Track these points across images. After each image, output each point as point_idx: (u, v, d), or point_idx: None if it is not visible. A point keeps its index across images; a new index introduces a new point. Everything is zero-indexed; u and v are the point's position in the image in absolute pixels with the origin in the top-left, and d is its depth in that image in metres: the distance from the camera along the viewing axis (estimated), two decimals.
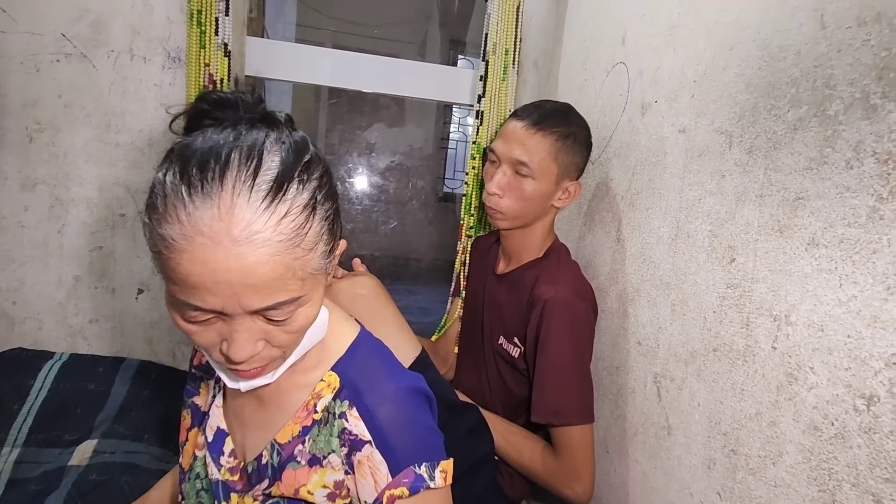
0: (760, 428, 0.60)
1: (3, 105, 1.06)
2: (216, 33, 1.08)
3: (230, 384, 0.49)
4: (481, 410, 0.94)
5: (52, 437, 0.96)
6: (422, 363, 0.85)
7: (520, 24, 1.23)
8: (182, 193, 0.40)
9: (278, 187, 0.42)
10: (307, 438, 0.54)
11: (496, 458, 0.93)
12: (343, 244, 0.52)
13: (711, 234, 0.70)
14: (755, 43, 0.65)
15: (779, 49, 0.61)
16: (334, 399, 0.53)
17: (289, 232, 0.42)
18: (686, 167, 0.76)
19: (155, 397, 1.05)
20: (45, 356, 1.08)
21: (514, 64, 1.24)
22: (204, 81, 1.09)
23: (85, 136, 1.10)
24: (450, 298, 1.27)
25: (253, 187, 0.41)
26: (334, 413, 0.53)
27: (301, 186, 0.44)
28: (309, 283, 0.45)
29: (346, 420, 0.52)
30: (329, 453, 0.52)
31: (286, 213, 0.42)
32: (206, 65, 1.08)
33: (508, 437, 0.93)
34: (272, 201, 0.41)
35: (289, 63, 1.38)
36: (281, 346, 0.47)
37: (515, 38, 1.23)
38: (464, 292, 1.22)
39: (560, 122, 0.93)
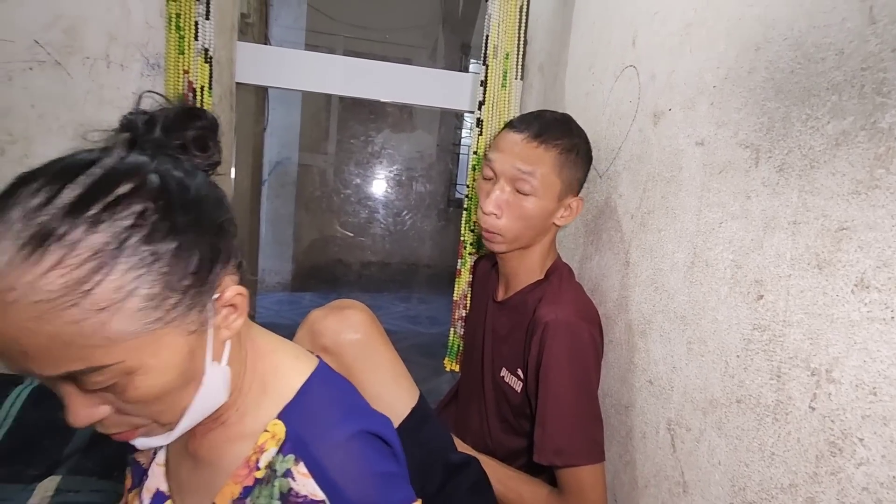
0: (795, 503, 0.50)
1: None
2: (196, 38, 1.02)
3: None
4: (479, 456, 0.85)
5: (15, 472, 0.89)
6: (419, 415, 0.75)
7: (523, 25, 1.14)
8: None
9: (45, 231, 0.33)
10: (247, 501, 0.46)
11: None
12: (233, 293, 0.43)
13: (735, 265, 0.60)
14: (787, 42, 0.55)
15: (816, 48, 0.51)
16: (278, 453, 0.45)
17: (57, 289, 0.32)
18: (704, 185, 0.67)
19: None
20: (13, 381, 1.02)
21: (517, 68, 1.15)
22: (183, 89, 1.02)
23: (59, 147, 1.04)
24: (457, 324, 1.19)
25: (11, 231, 0.33)
26: (276, 471, 0.44)
27: (89, 228, 0.34)
28: (127, 349, 0.35)
29: (293, 479, 0.44)
30: None
31: (56, 265, 0.33)
32: (185, 72, 1.02)
33: (507, 483, 0.84)
34: (35, 249, 0.32)
35: (283, 70, 1.32)
36: (137, 415, 0.39)
37: (518, 40, 1.14)
38: (465, 312, 1.13)
39: (562, 133, 0.84)
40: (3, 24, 1.01)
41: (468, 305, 1.16)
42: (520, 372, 0.87)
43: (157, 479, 0.53)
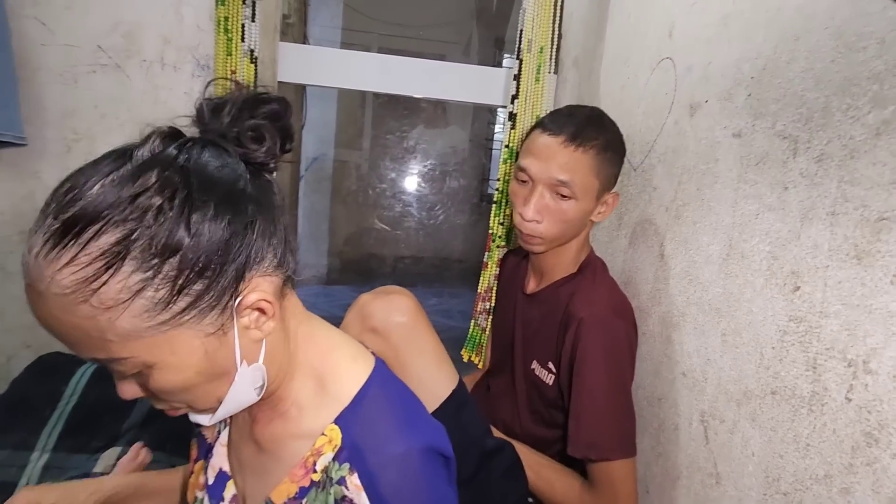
0: (830, 494, 0.50)
1: (43, 116, 1.09)
2: (242, 40, 1.07)
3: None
4: (514, 443, 0.87)
5: (80, 444, 0.97)
6: (458, 398, 0.78)
7: (557, 19, 1.14)
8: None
9: (66, 227, 0.35)
10: (304, 502, 0.47)
11: (531, 500, 0.86)
12: (256, 298, 0.41)
13: (771, 256, 0.60)
14: (827, 31, 0.54)
15: (857, 38, 0.51)
16: (334, 459, 0.46)
17: (69, 285, 0.35)
18: (741, 177, 0.66)
19: None
20: (78, 361, 1.10)
21: (550, 62, 1.15)
22: (231, 89, 1.08)
23: (119, 144, 1.11)
24: (483, 315, 1.20)
25: (44, 225, 0.36)
26: (332, 477, 0.46)
27: (104, 226, 0.35)
28: (139, 346, 0.37)
29: (347, 487, 0.44)
30: None
31: (70, 262, 0.35)
32: (233, 72, 1.07)
33: (539, 471, 0.85)
34: (55, 245, 0.35)
35: (322, 68, 1.36)
36: (168, 400, 0.42)
37: (553, 34, 1.15)
38: (489, 304, 1.15)
39: (597, 132, 0.82)
40: (70, 31, 1.09)
41: (493, 298, 1.17)
42: (551, 365, 0.88)
43: (220, 458, 0.56)
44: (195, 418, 0.46)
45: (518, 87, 1.14)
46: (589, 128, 0.82)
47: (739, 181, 0.67)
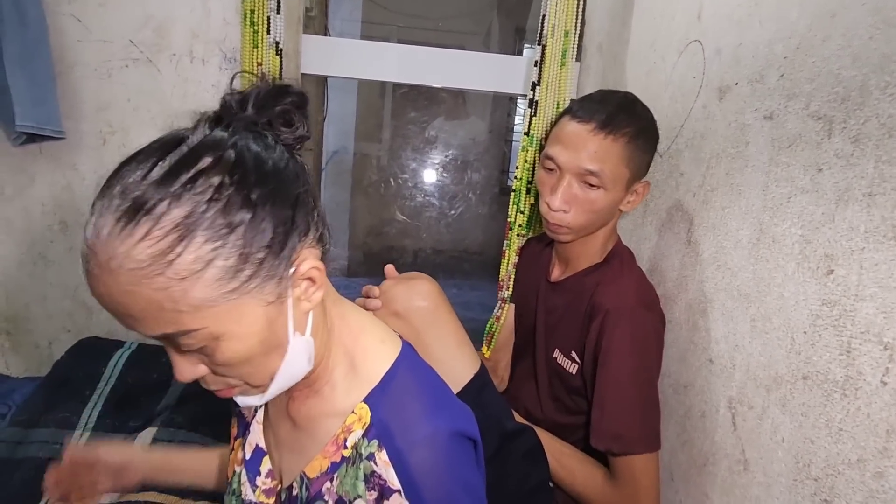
0: (863, 478, 0.49)
1: (80, 110, 1.13)
2: (268, 32, 1.08)
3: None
4: (536, 429, 0.87)
5: (119, 423, 1.01)
6: (480, 381, 0.78)
7: (581, 3, 1.13)
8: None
9: (136, 205, 0.37)
10: (335, 476, 0.49)
11: (552, 485, 0.86)
12: (308, 266, 0.44)
13: (803, 240, 0.59)
14: (865, 7, 0.53)
15: None
16: (363, 437, 0.47)
17: (145, 258, 0.36)
18: (772, 160, 0.65)
19: None
20: (115, 345, 1.15)
21: (574, 48, 1.14)
22: (255, 82, 1.10)
23: (151, 137, 1.12)
24: (499, 304, 1.20)
25: (112, 205, 0.37)
26: (361, 453, 0.47)
27: (172, 202, 0.37)
28: (210, 316, 0.39)
29: (375, 463, 0.46)
30: (355, 498, 0.47)
31: (144, 236, 0.36)
32: (259, 64, 1.09)
33: (561, 459, 0.85)
34: (128, 222, 0.37)
35: (344, 59, 1.37)
36: (227, 376, 0.43)
37: (577, 18, 1.13)
38: (507, 293, 1.15)
39: (629, 120, 0.80)
40: (104, 27, 1.12)
41: (510, 287, 1.16)
42: (574, 355, 0.87)
43: (256, 435, 0.58)
44: (245, 400, 0.47)
45: (540, 74, 1.13)
46: (620, 115, 0.80)
47: (771, 164, 0.65)
